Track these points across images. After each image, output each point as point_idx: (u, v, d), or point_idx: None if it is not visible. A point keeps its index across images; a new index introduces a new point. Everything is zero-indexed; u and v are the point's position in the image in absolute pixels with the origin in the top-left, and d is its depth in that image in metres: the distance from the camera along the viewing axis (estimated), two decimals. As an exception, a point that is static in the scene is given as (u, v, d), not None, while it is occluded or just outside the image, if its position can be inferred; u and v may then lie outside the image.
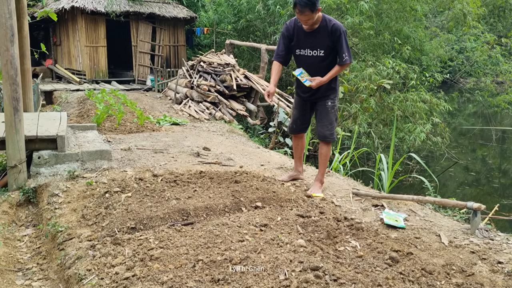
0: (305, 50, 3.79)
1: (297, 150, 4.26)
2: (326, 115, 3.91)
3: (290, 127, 4.22)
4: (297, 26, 3.77)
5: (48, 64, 14.81)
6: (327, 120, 3.92)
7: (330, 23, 3.67)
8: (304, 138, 4.29)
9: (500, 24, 20.38)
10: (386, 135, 9.33)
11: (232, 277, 2.31)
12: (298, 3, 3.48)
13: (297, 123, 4.13)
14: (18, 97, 3.91)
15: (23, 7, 5.14)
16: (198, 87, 9.56)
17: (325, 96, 3.90)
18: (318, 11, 3.57)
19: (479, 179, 9.32)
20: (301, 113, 4.08)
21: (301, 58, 3.85)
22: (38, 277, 2.77)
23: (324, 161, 3.99)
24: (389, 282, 2.34)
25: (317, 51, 3.75)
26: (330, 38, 3.68)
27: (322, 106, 3.92)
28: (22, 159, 3.95)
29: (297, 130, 4.17)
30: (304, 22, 3.63)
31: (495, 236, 3.11)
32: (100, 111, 7.06)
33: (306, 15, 3.54)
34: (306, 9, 3.48)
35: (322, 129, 3.93)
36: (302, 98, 4.02)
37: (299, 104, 4.08)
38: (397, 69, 9.49)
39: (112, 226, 3.03)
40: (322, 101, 3.91)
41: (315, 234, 2.93)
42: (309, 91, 3.87)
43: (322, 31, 3.69)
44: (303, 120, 4.12)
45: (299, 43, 3.81)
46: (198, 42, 16.61)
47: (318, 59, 3.77)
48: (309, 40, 3.75)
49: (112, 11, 12.86)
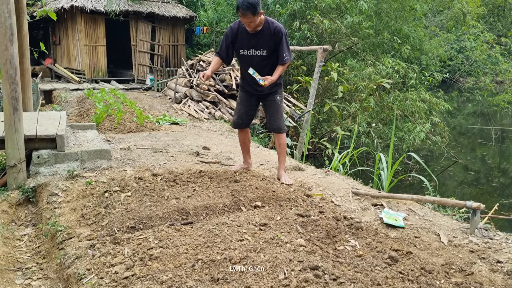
0: (249, 50, 4.01)
1: (244, 144, 4.45)
2: (277, 109, 4.20)
3: (236, 122, 4.36)
4: (241, 28, 3.98)
5: (47, 64, 14.80)
6: (278, 113, 4.21)
7: (273, 25, 3.91)
8: (249, 133, 4.50)
9: (499, 23, 20.39)
10: (386, 134, 9.33)
11: (232, 277, 2.31)
12: (240, 7, 3.70)
13: (243, 118, 4.31)
14: (18, 96, 3.91)
15: (22, 6, 5.14)
16: (198, 87, 9.56)
17: (273, 92, 4.17)
18: (260, 14, 3.79)
19: (479, 179, 9.33)
20: (247, 108, 4.28)
21: (245, 58, 4.05)
22: (38, 276, 2.77)
23: (283, 151, 4.28)
24: (389, 281, 2.34)
25: (260, 51, 3.97)
26: (272, 39, 3.91)
27: (272, 102, 4.20)
28: (22, 158, 3.94)
29: (243, 125, 4.37)
30: (247, 24, 3.84)
31: (494, 235, 3.11)
32: (99, 111, 7.05)
33: (248, 18, 3.75)
34: (248, 12, 3.69)
35: (276, 122, 4.21)
36: (248, 93, 4.22)
37: (244, 100, 4.28)
38: (397, 68, 9.50)
39: (112, 225, 3.03)
40: (272, 96, 4.18)
41: (315, 234, 2.93)
42: (260, 87, 4.07)
43: (266, 32, 3.92)
44: (249, 115, 4.32)
45: (243, 44, 4.02)
46: (198, 41, 16.60)
47: (262, 58, 3.99)
48: (253, 41, 3.96)
49: (111, 10, 12.85)
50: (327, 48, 7.39)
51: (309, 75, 9.46)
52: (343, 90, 8.81)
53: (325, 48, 7.35)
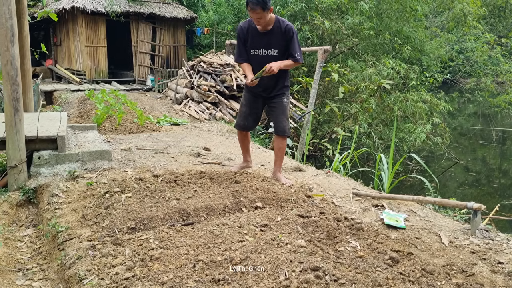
0: (259, 50, 3.93)
1: (244, 143, 4.39)
2: (283, 111, 4.09)
3: (241, 124, 4.24)
4: (251, 27, 3.90)
5: (48, 64, 14.82)
6: (285, 116, 4.10)
7: (284, 24, 3.84)
8: (248, 133, 4.41)
9: (500, 24, 20.40)
10: (386, 135, 9.33)
11: (232, 277, 2.31)
12: (250, 1, 3.61)
13: (248, 120, 4.21)
14: (19, 97, 3.91)
15: (23, 7, 5.15)
16: (198, 87, 9.56)
17: (280, 94, 4.07)
18: (270, 11, 3.70)
19: (480, 180, 9.32)
20: (253, 110, 4.19)
21: (256, 58, 3.96)
22: (38, 277, 2.77)
23: (282, 155, 4.20)
24: (389, 282, 2.34)
25: (271, 50, 3.89)
26: (283, 38, 3.83)
27: (279, 103, 4.09)
28: (22, 159, 3.95)
29: (249, 127, 4.28)
30: (257, 21, 3.74)
31: (495, 236, 3.11)
32: (100, 111, 7.06)
33: (257, 13, 3.65)
34: (257, 7, 3.60)
35: (281, 124, 4.09)
36: (254, 95, 4.12)
37: (250, 101, 4.18)
38: (397, 69, 9.50)
39: (112, 226, 3.03)
40: (279, 98, 4.08)
41: (315, 234, 2.93)
42: (267, 88, 4.01)
43: (276, 31, 3.84)
44: (255, 117, 4.24)
45: (254, 44, 3.93)
46: (198, 42, 16.62)
47: (273, 58, 3.89)
48: (263, 40, 3.88)
49: (112, 11, 12.86)
50: (327, 49, 7.39)
51: (310, 76, 9.46)
52: (344, 91, 8.81)
53: (326, 49, 7.35)
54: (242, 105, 4.28)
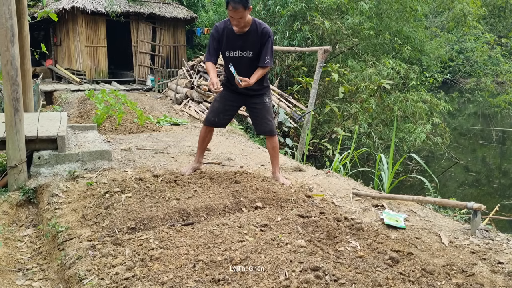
0: (235, 51, 3.86)
1: (204, 142, 4.28)
2: (267, 111, 4.07)
3: (211, 120, 4.12)
4: (227, 28, 3.83)
5: (48, 64, 14.82)
6: (269, 115, 4.08)
7: (261, 26, 3.79)
8: (212, 132, 4.30)
9: (500, 24, 20.41)
10: (386, 135, 9.34)
11: (233, 277, 2.31)
12: (231, 0, 3.54)
13: (220, 117, 4.10)
14: (19, 97, 3.91)
15: (23, 7, 5.14)
16: (199, 87, 9.56)
17: (261, 94, 4.05)
18: (249, 10, 3.65)
19: (480, 180, 9.32)
20: (227, 107, 4.09)
21: (232, 59, 3.89)
22: (38, 277, 2.77)
23: (277, 154, 4.16)
24: (389, 282, 2.34)
25: (247, 52, 3.84)
26: (259, 40, 3.80)
27: (262, 104, 4.05)
28: (22, 159, 3.95)
29: (219, 124, 4.17)
30: (237, 21, 3.67)
31: (495, 236, 3.11)
32: (100, 112, 7.06)
33: (239, 12, 3.57)
34: (239, 5, 3.54)
35: (268, 124, 4.07)
36: (233, 92, 4.04)
37: (226, 98, 4.08)
38: (397, 69, 9.50)
39: (112, 226, 3.03)
40: (260, 97, 4.05)
41: (315, 234, 2.93)
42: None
43: (253, 33, 3.79)
44: (228, 114, 4.13)
45: (229, 45, 3.87)
46: (199, 42, 16.63)
47: (247, 60, 3.86)
48: (239, 42, 3.83)
49: (112, 11, 12.86)
50: (327, 49, 7.39)
51: (310, 76, 9.47)
52: (344, 91, 8.81)
53: (326, 49, 7.35)
54: (215, 100, 4.18)
